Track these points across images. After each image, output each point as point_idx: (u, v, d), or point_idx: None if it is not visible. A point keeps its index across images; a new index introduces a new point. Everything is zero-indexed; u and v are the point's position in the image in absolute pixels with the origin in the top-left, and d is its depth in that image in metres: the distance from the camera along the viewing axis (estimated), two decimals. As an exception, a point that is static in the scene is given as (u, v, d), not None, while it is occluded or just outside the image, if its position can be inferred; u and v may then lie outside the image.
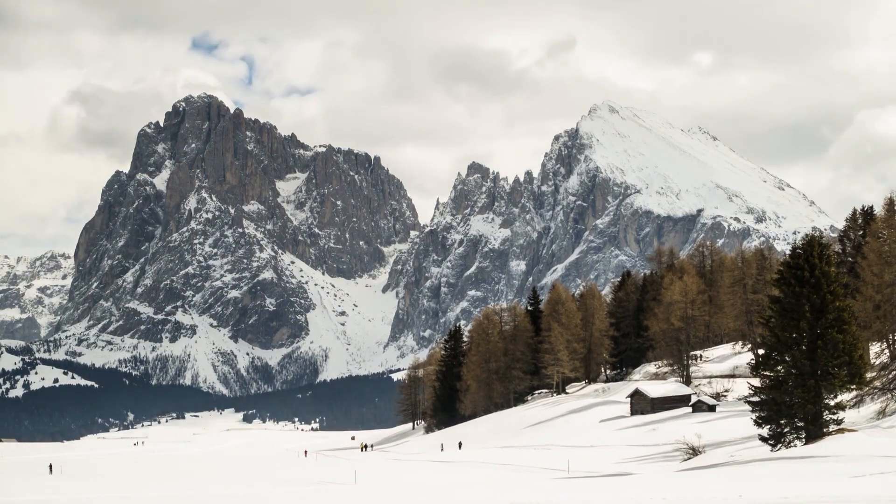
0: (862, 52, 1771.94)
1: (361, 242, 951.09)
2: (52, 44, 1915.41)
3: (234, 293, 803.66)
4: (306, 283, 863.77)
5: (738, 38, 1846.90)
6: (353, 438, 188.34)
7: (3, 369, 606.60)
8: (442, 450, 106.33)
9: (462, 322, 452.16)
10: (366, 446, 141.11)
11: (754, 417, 52.59)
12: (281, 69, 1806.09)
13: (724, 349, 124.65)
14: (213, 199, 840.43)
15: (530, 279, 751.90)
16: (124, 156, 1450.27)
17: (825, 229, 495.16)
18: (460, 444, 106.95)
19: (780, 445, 51.23)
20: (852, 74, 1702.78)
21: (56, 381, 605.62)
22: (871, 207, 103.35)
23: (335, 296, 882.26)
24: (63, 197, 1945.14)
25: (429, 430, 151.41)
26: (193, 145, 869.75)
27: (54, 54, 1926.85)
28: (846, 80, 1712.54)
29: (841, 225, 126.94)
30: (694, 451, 60.29)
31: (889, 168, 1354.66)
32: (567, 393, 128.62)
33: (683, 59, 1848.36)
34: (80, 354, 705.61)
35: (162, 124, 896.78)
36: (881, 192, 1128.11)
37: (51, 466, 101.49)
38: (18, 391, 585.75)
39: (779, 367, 51.55)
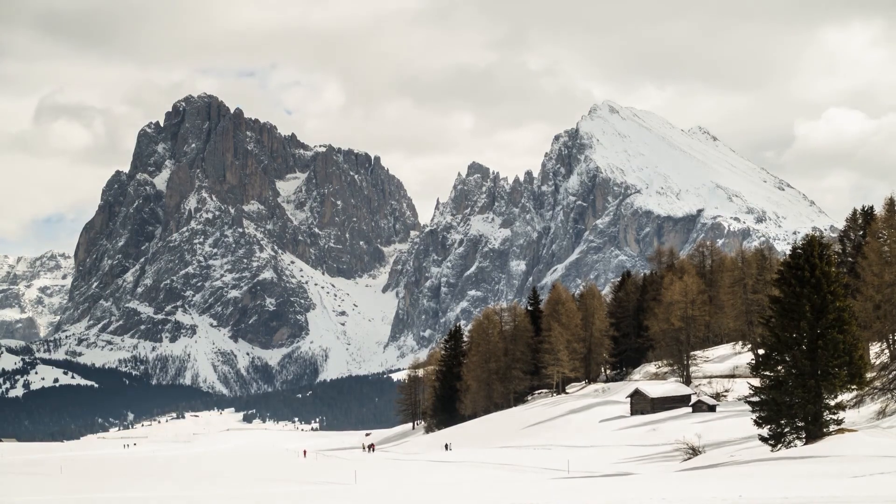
0: (805, 79, 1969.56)
1: (361, 242, 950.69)
2: (48, 73, 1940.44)
3: (234, 293, 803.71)
4: (306, 282, 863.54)
5: (695, 69, 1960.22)
6: (367, 435, 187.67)
7: (3, 369, 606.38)
8: (446, 449, 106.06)
9: (462, 322, 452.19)
10: (365, 446, 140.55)
11: (754, 417, 52.59)
12: (265, 96, 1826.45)
13: (724, 349, 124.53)
14: (213, 198, 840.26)
15: (530, 279, 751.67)
16: (124, 158, 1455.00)
17: (825, 229, 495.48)
18: (449, 446, 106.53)
19: (780, 445, 51.23)
20: (798, 97, 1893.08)
21: (56, 380, 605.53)
22: (872, 207, 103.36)
23: (335, 296, 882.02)
24: (63, 197, 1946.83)
25: (429, 430, 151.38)
26: (193, 145, 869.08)
27: (51, 82, 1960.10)
28: (795, 102, 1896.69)
29: (841, 225, 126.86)
30: (694, 451, 60.29)
31: (844, 171, 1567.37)
32: (567, 393, 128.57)
33: (639, 92, 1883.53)
34: (80, 354, 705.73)
35: (162, 124, 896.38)
36: (853, 197, 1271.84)
37: None
38: (18, 391, 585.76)
39: (779, 367, 51.57)
